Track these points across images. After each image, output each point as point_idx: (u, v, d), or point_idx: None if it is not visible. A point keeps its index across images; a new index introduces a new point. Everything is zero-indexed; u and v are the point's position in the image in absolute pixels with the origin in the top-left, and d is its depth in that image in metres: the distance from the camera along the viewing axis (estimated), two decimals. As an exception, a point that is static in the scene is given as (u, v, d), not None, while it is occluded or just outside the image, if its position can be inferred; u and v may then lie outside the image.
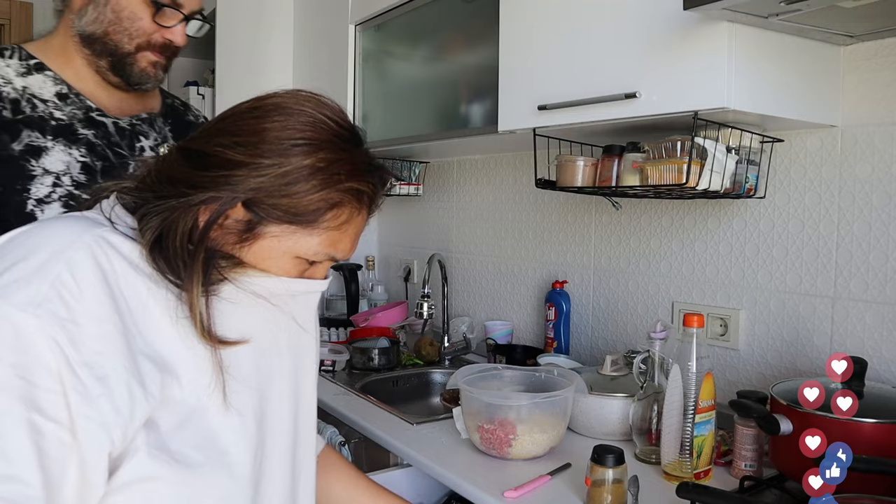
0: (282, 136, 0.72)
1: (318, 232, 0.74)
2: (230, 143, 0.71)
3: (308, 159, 0.71)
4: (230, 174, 0.70)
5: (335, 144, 0.74)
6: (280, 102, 0.74)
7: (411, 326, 2.41)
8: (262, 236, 0.73)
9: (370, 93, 2.20)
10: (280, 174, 0.70)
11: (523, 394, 1.35)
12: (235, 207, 0.71)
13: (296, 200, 0.71)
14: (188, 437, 0.69)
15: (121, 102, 1.18)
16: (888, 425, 1.03)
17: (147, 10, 1.10)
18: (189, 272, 0.70)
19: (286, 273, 0.76)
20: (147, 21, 1.11)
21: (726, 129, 1.31)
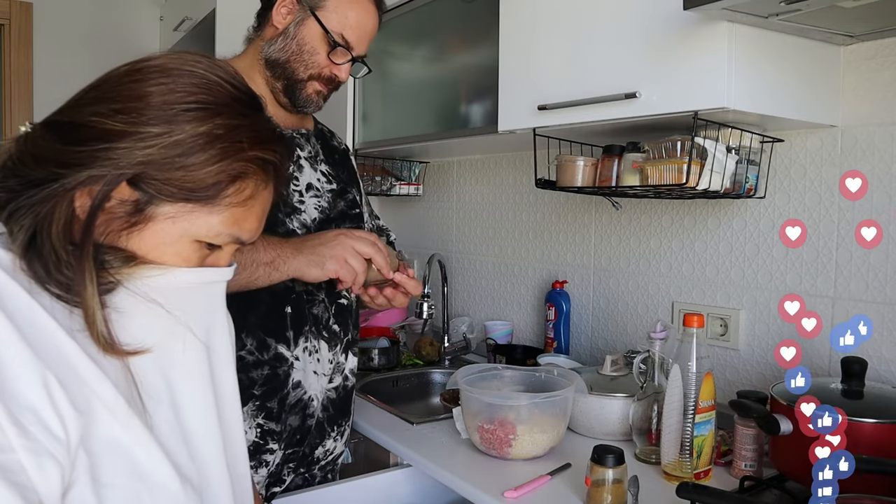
0: (170, 99, 0.62)
1: (220, 209, 0.65)
2: (108, 112, 0.61)
3: (203, 125, 0.62)
4: (111, 147, 0.60)
5: (234, 109, 0.65)
6: (164, 63, 0.65)
7: (411, 326, 2.41)
8: (153, 218, 0.63)
9: (370, 93, 2.20)
10: (171, 143, 0.61)
11: (523, 394, 1.35)
12: (120, 186, 0.61)
13: (191, 173, 0.62)
14: (117, 462, 0.61)
15: (285, 118, 1.34)
16: (888, 425, 1.03)
17: (324, 48, 1.27)
18: (79, 274, 0.60)
19: (185, 261, 0.66)
20: (322, 56, 1.28)
21: (726, 129, 1.31)
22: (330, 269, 1.13)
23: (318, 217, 1.33)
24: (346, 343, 1.37)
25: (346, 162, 1.47)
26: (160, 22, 3.31)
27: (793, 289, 1.42)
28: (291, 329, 1.27)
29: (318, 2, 1.26)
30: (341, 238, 1.15)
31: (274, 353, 1.24)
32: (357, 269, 1.14)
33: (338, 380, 1.36)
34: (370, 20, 1.31)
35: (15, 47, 2.97)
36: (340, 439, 1.39)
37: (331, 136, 1.48)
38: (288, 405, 1.26)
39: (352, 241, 1.15)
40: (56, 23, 3.06)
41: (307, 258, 1.13)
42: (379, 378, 1.96)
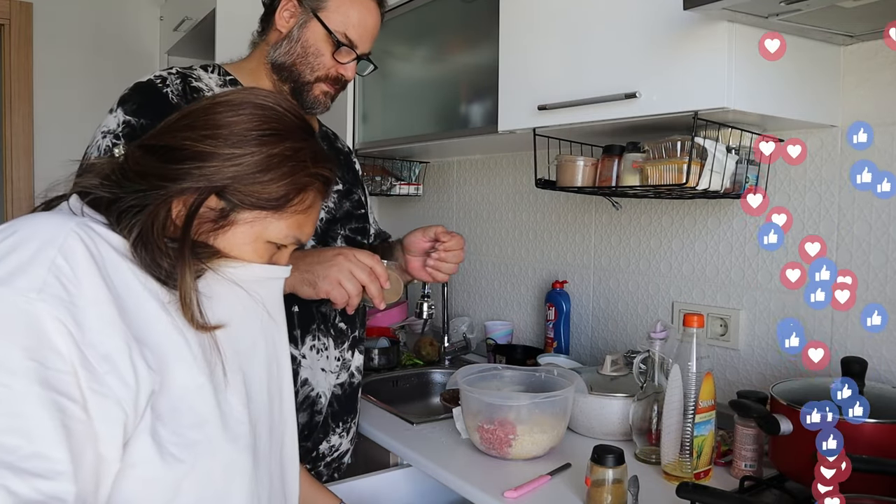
0: (249, 127, 0.76)
1: (287, 216, 0.79)
2: (199, 137, 0.75)
3: (276, 148, 0.76)
4: (203, 165, 0.74)
5: (297, 134, 0.79)
6: (241, 98, 0.79)
7: (411, 326, 2.41)
8: (235, 223, 0.77)
9: (370, 93, 2.20)
10: (252, 163, 0.75)
11: (523, 394, 1.35)
12: (210, 197, 0.75)
13: (267, 187, 0.76)
14: (186, 419, 0.71)
15: None
16: (888, 425, 1.03)
17: (329, 48, 1.28)
18: (180, 263, 0.72)
19: (259, 258, 0.80)
20: (328, 57, 1.28)
21: (726, 129, 1.31)
22: (322, 290, 1.13)
23: (324, 217, 1.33)
24: (352, 340, 1.38)
25: (350, 164, 1.48)
26: (160, 22, 3.31)
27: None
28: (298, 327, 1.28)
29: (319, 3, 1.27)
30: (339, 259, 1.14)
31: None
32: (350, 293, 1.13)
33: (344, 376, 1.37)
34: (372, 17, 1.31)
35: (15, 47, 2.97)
36: (346, 436, 1.39)
37: (335, 138, 1.49)
38: (296, 402, 1.27)
39: (349, 263, 1.14)
40: (56, 23, 3.06)
41: (302, 276, 1.14)
42: (379, 378, 1.96)
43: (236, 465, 0.76)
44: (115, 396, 0.65)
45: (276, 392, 0.86)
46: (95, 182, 0.77)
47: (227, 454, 0.75)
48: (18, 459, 0.60)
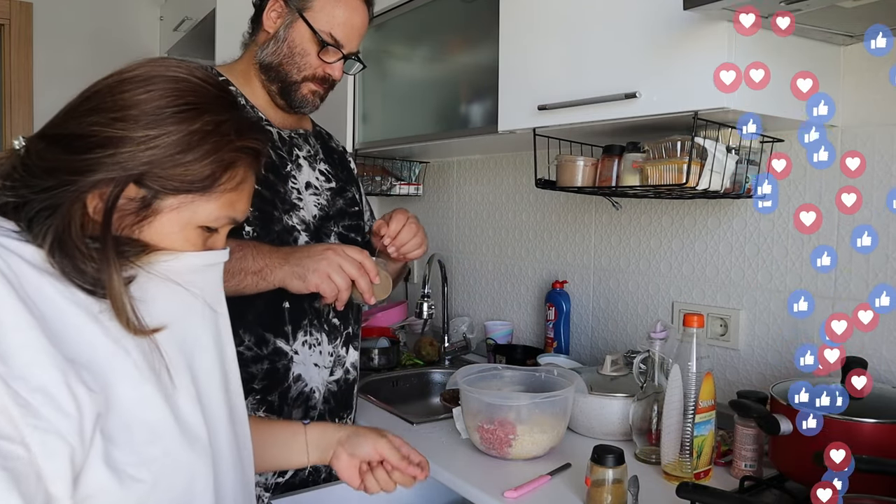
0: (162, 104, 0.69)
1: (216, 196, 0.73)
2: (107, 120, 0.68)
3: (195, 124, 0.70)
4: (116, 152, 0.67)
5: (217, 106, 0.73)
6: (148, 72, 0.71)
7: (411, 326, 2.41)
8: (160, 211, 0.71)
9: (370, 93, 2.20)
10: (170, 143, 0.68)
11: (523, 394, 1.35)
12: (128, 186, 0.68)
13: (189, 168, 0.70)
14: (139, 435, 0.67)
15: (283, 119, 1.37)
16: (888, 425, 1.03)
17: (314, 48, 1.29)
18: (104, 265, 0.66)
19: (192, 245, 0.74)
20: (314, 57, 1.29)
21: (726, 129, 1.31)
22: (311, 283, 1.13)
23: (317, 214, 1.34)
24: (346, 336, 1.38)
25: (344, 163, 1.48)
26: (160, 22, 3.32)
27: (793, 289, 1.42)
28: (290, 323, 1.28)
29: (305, 3, 1.27)
30: (328, 254, 1.15)
31: (272, 347, 1.25)
32: (339, 287, 1.13)
33: (339, 373, 1.37)
34: (358, 16, 1.31)
35: (15, 47, 2.97)
36: None
37: (329, 137, 1.50)
38: (290, 398, 1.28)
39: (339, 258, 1.14)
40: (56, 23, 3.07)
41: (292, 269, 1.14)
42: (379, 378, 1.96)
43: (197, 471, 0.72)
44: (56, 430, 0.59)
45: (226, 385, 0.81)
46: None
47: (187, 462, 0.71)
48: None
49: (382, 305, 2.46)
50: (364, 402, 1.70)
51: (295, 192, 1.31)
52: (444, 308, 2.28)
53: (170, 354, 0.72)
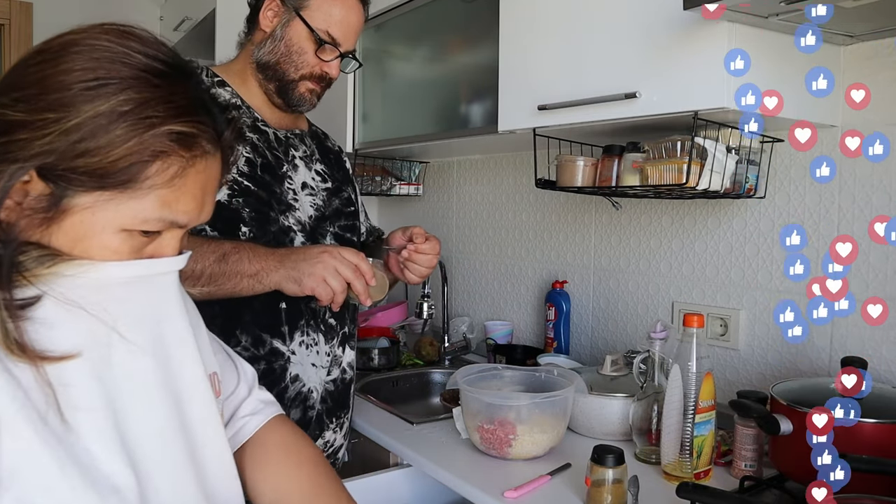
0: (67, 80, 0.57)
1: (143, 193, 0.59)
2: (10, 101, 0.57)
3: (105, 104, 0.57)
4: (10, 140, 0.56)
5: (143, 80, 0.59)
6: (71, 40, 0.60)
7: (411, 326, 2.41)
8: (69, 211, 0.58)
9: (370, 93, 2.20)
10: (68, 129, 0.56)
11: (523, 394, 1.35)
12: (33, 181, 0.57)
13: (99, 158, 0.56)
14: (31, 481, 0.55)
15: (280, 119, 1.37)
16: (888, 425, 1.03)
17: (312, 47, 1.29)
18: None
19: (115, 254, 0.60)
20: (311, 55, 1.29)
21: (726, 129, 1.31)
22: (307, 287, 1.13)
23: (313, 214, 1.34)
24: (342, 336, 1.38)
25: (340, 163, 1.49)
26: (160, 22, 3.31)
27: (793, 289, 1.42)
28: (287, 324, 1.28)
29: (302, 2, 1.28)
30: (324, 256, 1.14)
31: (269, 348, 1.26)
32: (335, 290, 1.13)
33: (336, 372, 1.37)
34: (355, 15, 1.32)
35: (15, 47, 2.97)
36: (339, 431, 1.40)
37: (325, 137, 1.50)
38: (288, 399, 1.28)
39: (334, 261, 1.14)
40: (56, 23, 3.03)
41: (287, 273, 1.14)
42: (379, 378, 1.96)
43: None
44: None
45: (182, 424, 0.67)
46: None
47: None
48: None
49: (382, 305, 2.46)
50: (364, 402, 1.70)
51: (291, 192, 1.31)
52: (444, 308, 2.28)
53: (79, 391, 0.59)
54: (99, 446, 0.59)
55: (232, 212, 1.22)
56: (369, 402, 1.70)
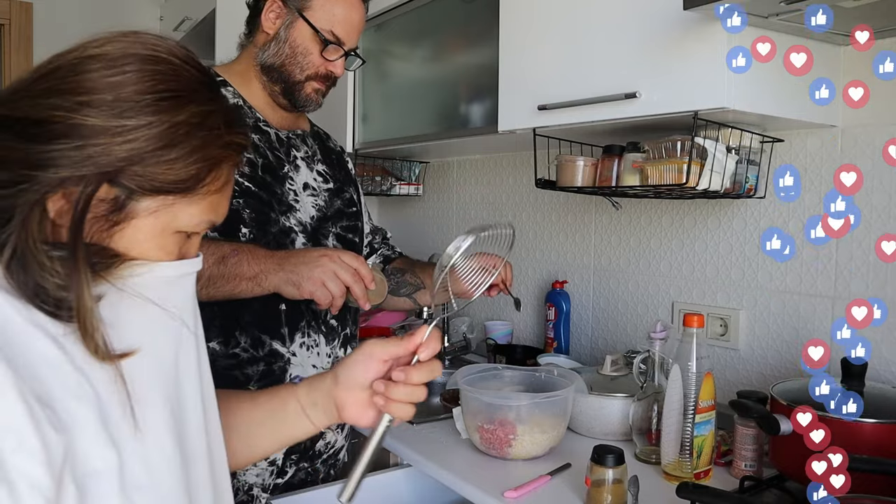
0: (143, 88, 0.58)
1: (199, 198, 0.62)
2: (72, 105, 0.56)
3: (181, 115, 0.59)
4: (86, 144, 0.56)
5: (202, 94, 0.62)
6: (123, 49, 0.60)
7: (411, 326, 2.41)
8: (135, 215, 0.60)
9: (370, 93, 2.20)
10: (152, 137, 0.57)
11: (523, 394, 1.35)
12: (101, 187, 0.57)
13: (173, 166, 0.59)
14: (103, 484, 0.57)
15: (281, 120, 1.37)
16: (888, 425, 1.03)
17: (317, 47, 1.29)
18: (74, 280, 0.56)
19: (168, 254, 0.63)
20: (316, 55, 1.30)
21: (726, 129, 1.31)
22: (305, 291, 1.13)
23: (315, 215, 1.34)
24: (343, 338, 1.38)
25: (342, 163, 1.48)
26: (160, 22, 3.31)
27: (793, 289, 1.42)
28: (286, 325, 1.28)
29: (304, 2, 1.28)
30: (324, 260, 1.14)
31: (268, 349, 1.25)
32: (334, 294, 1.13)
33: None
34: (357, 12, 1.32)
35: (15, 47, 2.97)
36: (341, 432, 1.40)
37: (327, 137, 1.50)
38: None
39: (334, 265, 1.13)
40: (56, 23, 3.06)
41: (286, 276, 1.14)
42: (379, 378, 1.96)
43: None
44: (29, 480, 0.50)
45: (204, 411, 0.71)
46: None
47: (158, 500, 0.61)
48: None
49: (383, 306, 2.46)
50: (364, 402, 1.69)
51: (292, 193, 1.31)
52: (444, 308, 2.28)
53: (142, 387, 0.61)
54: (165, 438, 0.62)
55: (232, 212, 1.22)
56: (369, 402, 1.70)
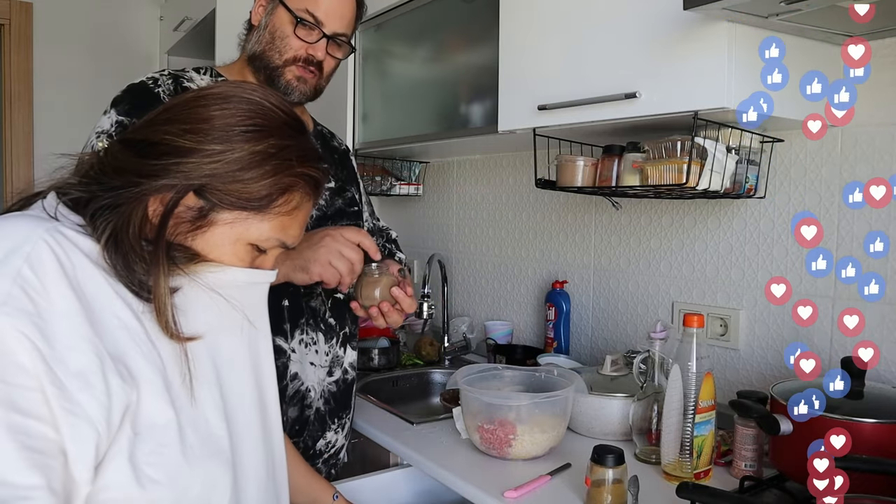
0: (231, 122, 0.73)
1: (270, 217, 0.75)
2: (178, 131, 0.72)
3: (259, 145, 0.73)
4: (182, 161, 0.71)
5: (284, 131, 0.75)
6: (226, 91, 0.75)
7: (411, 326, 2.41)
8: (214, 223, 0.73)
9: (370, 93, 2.20)
10: (233, 160, 0.71)
11: (523, 394, 1.35)
12: (188, 195, 0.71)
13: (248, 186, 0.72)
14: (162, 436, 0.68)
15: None
16: (888, 425, 1.03)
17: (291, 26, 1.27)
18: (154, 267, 0.70)
19: (239, 261, 0.76)
20: (292, 37, 1.27)
21: (726, 129, 1.31)
22: (314, 273, 1.14)
23: (314, 214, 1.34)
24: (343, 337, 1.38)
25: (346, 162, 1.48)
26: (160, 22, 3.32)
27: (793, 289, 1.42)
28: (288, 321, 1.28)
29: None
30: (326, 240, 1.15)
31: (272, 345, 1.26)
32: (341, 271, 1.14)
33: (338, 373, 1.37)
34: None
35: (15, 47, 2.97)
36: (341, 432, 1.40)
37: (331, 136, 1.50)
38: (287, 396, 1.28)
39: (337, 244, 1.15)
40: (56, 23, 3.07)
41: (294, 262, 1.15)
42: (379, 378, 1.96)
43: (216, 482, 0.73)
44: (87, 415, 0.62)
45: (261, 402, 0.83)
46: (73, 180, 0.74)
47: (204, 471, 0.71)
48: None
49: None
50: (364, 402, 1.70)
51: None
52: (444, 308, 2.28)
53: (200, 367, 0.74)
54: (213, 415, 0.74)
55: None
56: (369, 402, 1.70)
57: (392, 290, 1.20)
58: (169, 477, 0.68)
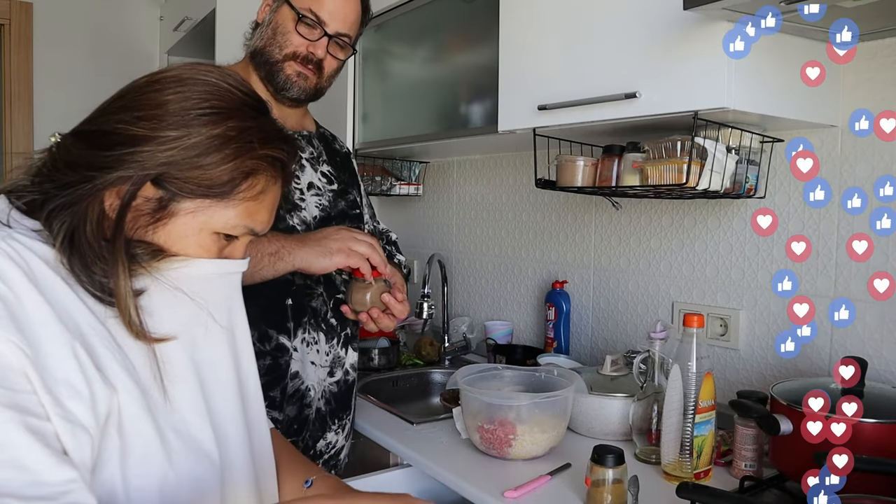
0: (186, 106, 0.69)
1: (235, 203, 0.71)
2: (131, 119, 0.68)
3: (218, 128, 0.69)
4: (136, 150, 0.67)
5: (244, 112, 0.72)
6: (180, 74, 0.72)
7: (411, 326, 2.41)
8: (175, 214, 0.70)
9: (370, 93, 2.20)
10: (189, 146, 0.68)
11: (523, 394, 1.35)
12: (145, 186, 0.68)
13: (208, 172, 0.69)
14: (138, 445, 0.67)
15: (285, 119, 1.33)
16: (888, 425, 1.03)
17: (293, 23, 1.27)
18: (113, 266, 0.66)
19: (206, 252, 0.73)
20: (293, 34, 1.28)
21: (726, 129, 1.31)
22: (338, 260, 1.15)
23: (318, 215, 1.35)
24: (344, 337, 1.39)
25: (347, 164, 1.49)
26: (160, 22, 3.32)
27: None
28: (292, 320, 1.29)
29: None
30: (343, 231, 1.19)
31: (276, 343, 1.27)
32: (365, 254, 1.16)
33: (339, 374, 1.38)
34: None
35: (15, 47, 2.97)
36: (342, 433, 1.40)
37: (332, 139, 1.50)
38: (287, 395, 1.29)
39: (351, 233, 1.19)
40: (56, 23, 3.06)
41: (313, 249, 1.16)
42: (379, 378, 1.96)
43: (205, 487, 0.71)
44: (79, 422, 0.62)
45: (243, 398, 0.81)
46: (26, 181, 0.71)
47: (192, 478, 0.70)
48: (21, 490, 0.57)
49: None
50: (364, 402, 1.70)
51: (297, 192, 1.32)
52: (444, 308, 2.28)
53: (177, 367, 0.71)
54: (195, 417, 0.72)
55: None
56: (369, 402, 1.70)
57: (382, 296, 1.22)
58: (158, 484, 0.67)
